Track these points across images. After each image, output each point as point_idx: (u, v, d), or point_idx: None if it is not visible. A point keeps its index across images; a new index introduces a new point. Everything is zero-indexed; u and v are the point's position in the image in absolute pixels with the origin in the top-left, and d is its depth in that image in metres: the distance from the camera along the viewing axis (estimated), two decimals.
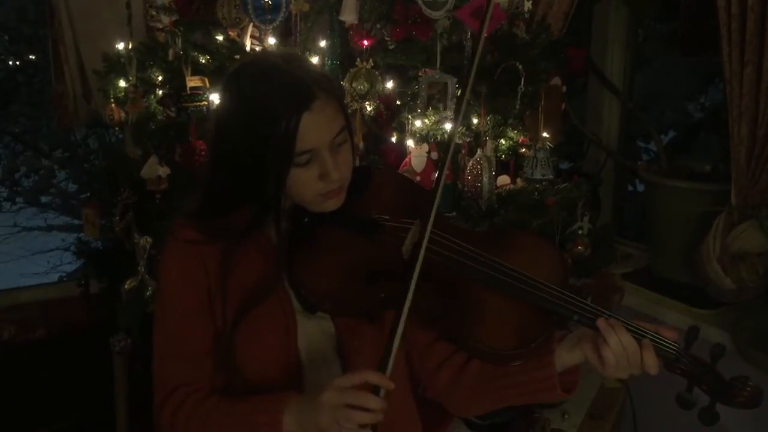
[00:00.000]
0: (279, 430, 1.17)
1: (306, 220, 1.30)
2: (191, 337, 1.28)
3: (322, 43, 2.09)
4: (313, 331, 1.31)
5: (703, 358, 1.20)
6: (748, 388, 1.17)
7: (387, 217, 1.32)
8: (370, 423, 1.09)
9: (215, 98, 2.04)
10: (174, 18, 2.16)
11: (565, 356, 1.26)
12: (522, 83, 2.14)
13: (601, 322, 1.18)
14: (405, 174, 2.01)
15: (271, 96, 1.17)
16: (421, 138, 2.05)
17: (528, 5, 2.41)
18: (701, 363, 1.19)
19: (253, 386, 1.29)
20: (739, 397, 1.17)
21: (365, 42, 2.06)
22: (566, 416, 2.22)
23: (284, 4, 1.99)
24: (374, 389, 1.10)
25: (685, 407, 1.21)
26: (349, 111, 1.95)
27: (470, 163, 2.12)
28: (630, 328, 1.19)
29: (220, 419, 1.24)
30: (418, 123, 2.04)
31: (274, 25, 2.02)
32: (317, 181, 1.22)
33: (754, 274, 2.33)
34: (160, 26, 2.18)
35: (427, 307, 1.21)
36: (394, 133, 2.14)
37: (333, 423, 1.09)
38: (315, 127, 1.18)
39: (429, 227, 1.19)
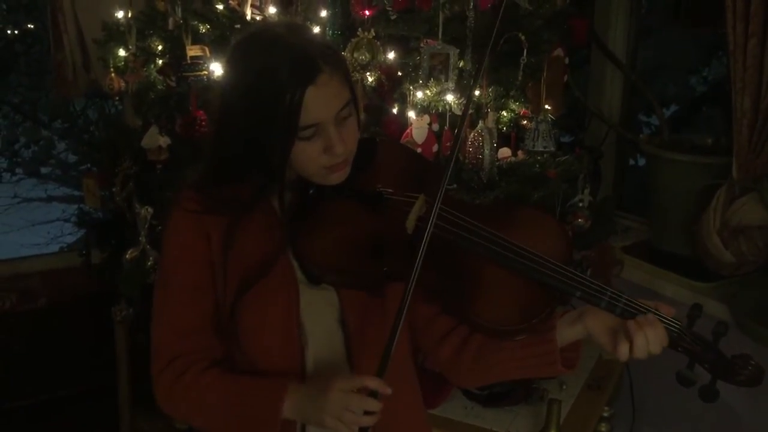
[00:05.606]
0: (277, 417, 1.21)
1: (311, 191, 1.29)
2: (191, 310, 1.28)
3: (323, 13, 2.07)
4: (317, 303, 1.31)
5: (705, 336, 1.20)
6: (750, 367, 1.17)
7: (391, 191, 1.31)
8: (371, 425, 1.17)
9: (216, 68, 2.03)
10: None
11: (567, 332, 1.26)
12: (524, 54, 2.12)
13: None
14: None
15: (276, 69, 1.16)
16: (423, 109, 2.04)
17: None
18: (703, 341, 1.19)
19: (253, 357, 1.29)
20: (740, 375, 1.17)
21: (367, 12, 2.04)
22: (564, 387, 2.24)
23: None
24: (372, 392, 1.17)
25: (686, 384, 1.21)
26: None
27: (471, 135, 2.11)
28: (631, 305, 1.19)
29: (218, 397, 1.26)
30: (419, 94, 2.03)
31: None
32: (322, 155, 1.21)
33: (753, 248, 2.34)
34: None
35: (429, 282, 1.21)
36: (396, 105, 2.13)
37: (338, 424, 1.17)
38: (319, 102, 1.17)
39: (435, 211, 1.18)
